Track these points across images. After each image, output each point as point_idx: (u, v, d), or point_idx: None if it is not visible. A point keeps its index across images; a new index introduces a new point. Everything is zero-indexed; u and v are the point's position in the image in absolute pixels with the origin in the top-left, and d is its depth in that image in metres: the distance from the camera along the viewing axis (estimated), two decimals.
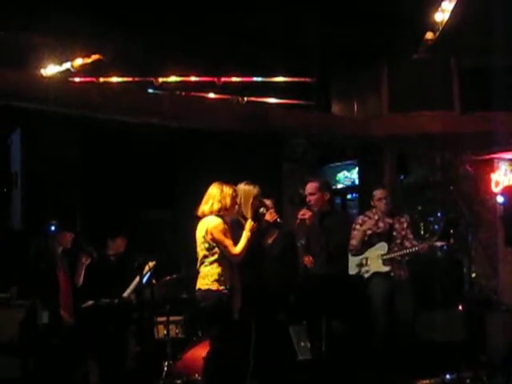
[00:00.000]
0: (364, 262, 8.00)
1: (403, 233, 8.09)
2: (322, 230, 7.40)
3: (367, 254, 8.02)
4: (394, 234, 8.06)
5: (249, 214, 6.71)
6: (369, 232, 8.04)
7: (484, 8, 8.57)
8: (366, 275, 7.98)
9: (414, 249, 7.92)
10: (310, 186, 7.54)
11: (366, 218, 8.14)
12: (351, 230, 8.02)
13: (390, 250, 7.95)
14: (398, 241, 8.04)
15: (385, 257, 7.93)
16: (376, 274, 7.95)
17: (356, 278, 8.00)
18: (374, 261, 7.95)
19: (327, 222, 7.44)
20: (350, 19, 9.22)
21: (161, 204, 9.91)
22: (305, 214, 7.44)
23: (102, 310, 7.79)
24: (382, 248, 7.97)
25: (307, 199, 7.48)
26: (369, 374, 7.73)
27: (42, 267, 7.40)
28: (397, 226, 8.09)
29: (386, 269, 7.92)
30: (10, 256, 8.10)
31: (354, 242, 8.02)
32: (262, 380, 6.98)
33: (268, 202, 7.14)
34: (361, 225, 8.11)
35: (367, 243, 8.03)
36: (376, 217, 8.11)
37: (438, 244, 8.06)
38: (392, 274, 7.94)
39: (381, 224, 8.07)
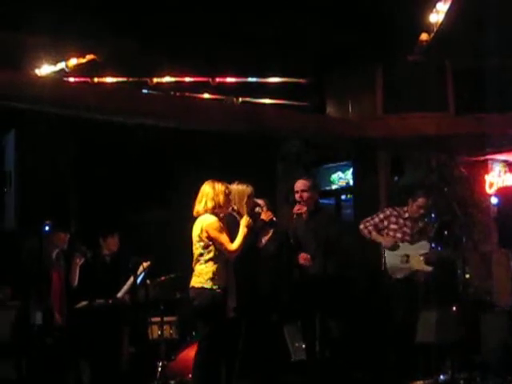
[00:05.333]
0: (405, 259, 8.13)
1: None
2: (313, 228, 7.40)
3: (408, 251, 8.17)
4: None
5: (244, 213, 6.72)
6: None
7: (479, 9, 8.57)
8: (404, 273, 8.10)
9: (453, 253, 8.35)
10: (303, 184, 7.53)
11: (396, 213, 8.34)
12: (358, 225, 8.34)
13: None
14: None
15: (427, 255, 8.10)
16: (413, 275, 8.12)
17: (352, 278, 8.09)
18: (417, 259, 8.10)
19: (317, 219, 7.45)
20: (345, 20, 9.20)
21: (155, 204, 9.90)
22: (301, 208, 7.44)
23: (95, 311, 7.78)
24: (423, 247, 8.14)
25: (299, 195, 7.46)
26: (363, 374, 7.73)
27: (36, 268, 7.37)
28: None
29: (429, 268, 8.11)
30: (4, 256, 8.07)
31: (374, 234, 8.27)
32: (255, 381, 6.98)
33: (261, 201, 7.13)
34: (388, 216, 8.34)
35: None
36: (406, 215, 8.29)
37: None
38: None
39: (408, 223, 8.26)
